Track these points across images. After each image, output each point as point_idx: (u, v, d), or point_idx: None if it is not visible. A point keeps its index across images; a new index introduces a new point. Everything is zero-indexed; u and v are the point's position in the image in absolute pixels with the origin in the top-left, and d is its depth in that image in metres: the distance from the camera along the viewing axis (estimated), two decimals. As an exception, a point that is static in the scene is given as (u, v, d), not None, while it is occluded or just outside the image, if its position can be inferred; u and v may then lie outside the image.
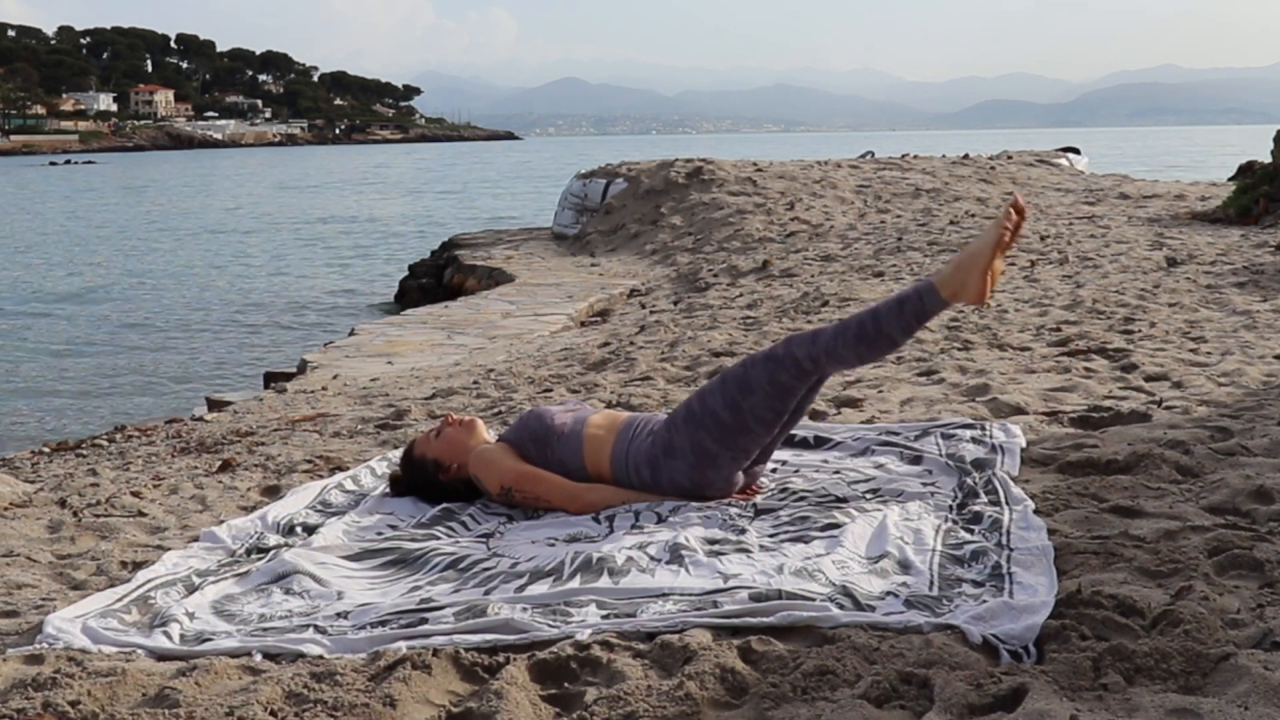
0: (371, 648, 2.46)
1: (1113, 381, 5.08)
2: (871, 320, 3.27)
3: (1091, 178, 17.71)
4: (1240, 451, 3.66)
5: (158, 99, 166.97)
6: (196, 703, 2.22)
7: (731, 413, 3.32)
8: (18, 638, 2.64)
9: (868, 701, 2.08)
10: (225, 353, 13.78)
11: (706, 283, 10.76)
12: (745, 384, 3.33)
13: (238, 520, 3.51)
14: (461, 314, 10.80)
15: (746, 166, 17.20)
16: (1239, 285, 7.78)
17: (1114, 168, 24.03)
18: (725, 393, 3.34)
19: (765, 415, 3.33)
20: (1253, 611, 2.38)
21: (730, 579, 2.71)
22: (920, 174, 16.84)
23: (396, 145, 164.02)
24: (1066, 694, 2.08)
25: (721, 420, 3.33)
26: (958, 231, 11.67)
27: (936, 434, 4.05)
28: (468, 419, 3.75)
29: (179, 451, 5.42)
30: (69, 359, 13.61)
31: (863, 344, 3.27)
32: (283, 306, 17.43)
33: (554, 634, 2.46)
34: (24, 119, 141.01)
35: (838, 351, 3.28)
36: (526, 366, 7.16)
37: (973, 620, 2.37)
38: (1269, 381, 4.88)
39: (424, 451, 3.68)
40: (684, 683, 2.18)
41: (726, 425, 3.33)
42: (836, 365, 3.35)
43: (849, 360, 3.33)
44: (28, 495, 4.34)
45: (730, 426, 3.33)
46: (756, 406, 3.31)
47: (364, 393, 6.91)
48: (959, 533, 3.01)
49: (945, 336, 6.48)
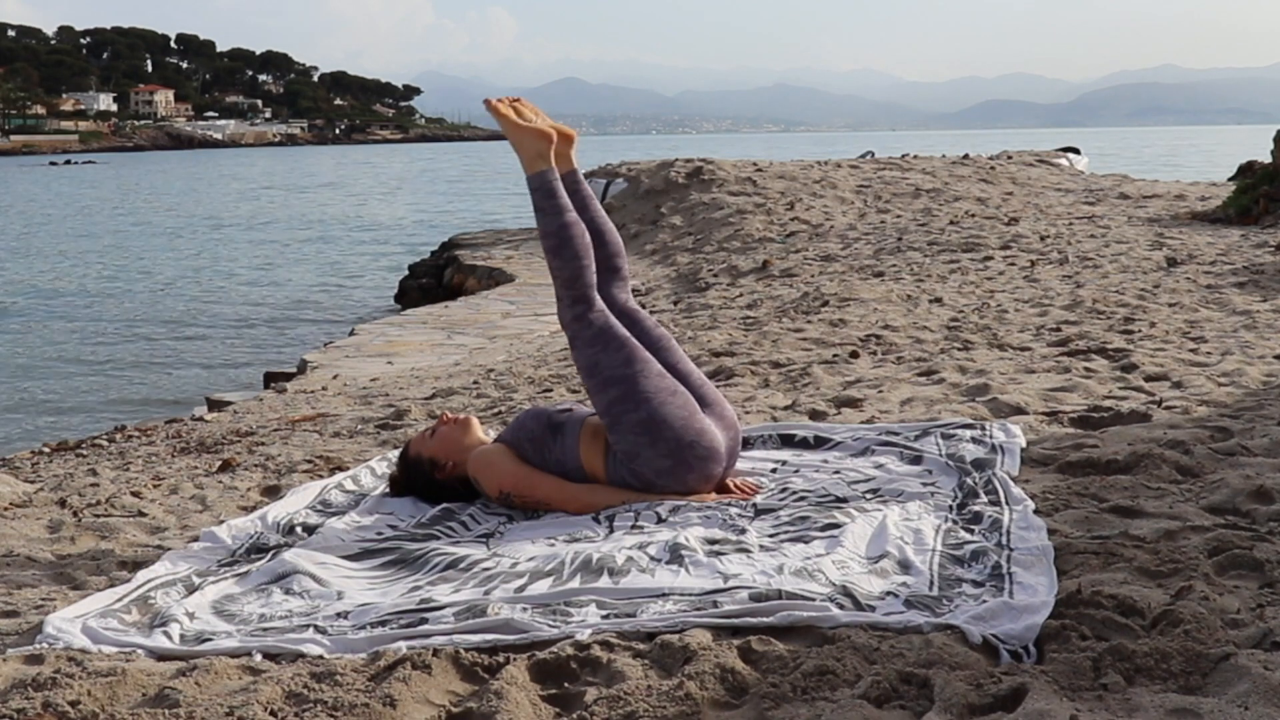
0: (371, 648, 2.46)
1: (1113, 381, 5.09)
2: (543, 237, 3.51)
3: (1091, 178, 17.72)
4: (1240, 451, 3.66)
5: (158, 99, 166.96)
6: (196, 703, 2.22)
7: (609, 387, 3.40)
8: (18, 638, 2.64)
9: (868, 701, 2.08)
10: (225, 353, 13.78)
11: (706, 283, 10.76)
12: (588, 369, 3.46)
13: (238, 520, 3.51)
14: (461, 314, 10.80)
15: (746, 166, 17.21)
16: (1239, 285, 7.78)
17: (1114, 168, 24.03)
18: (593, 387, 3.45)
19: (621, 359, 3.42)
20: (1253, 611, 2.38)
21: (730, 579, 2.71)
22: (920, 174, 16.84)
23: (396, 145, 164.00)
24: (1066, 694, 2.08)
25: (613, 397, 3.40)
26: (958, 231, 11.67)
27: (936, 434, 4.05)
28: (462, 417, 3.75)
29: (179, 451, 5.42)
30: (69, 359, 13.61)
31: (559, 251, 3.47)
32: (283, 306, 17.43)
33: (554, 634, 2.46)
34: (24, 119, 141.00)
35: (563, 273, 3.47)
36: (526, 366, 7.16)
37: (973, 620, 2.37)
38: (1269, 381, 4.88)
39: (419, 451, 3.68)
40: (684, 683, 2.18)
41: (620, 396, 3.39)
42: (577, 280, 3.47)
43: (562, 268, 3.48)
44: (28, 495, 4.34)
45: (622, 394, 3.39)
46: (610, 363, 3.42)
47: (364, 393, 6.92)
48: (959, 533, 3.01)
49: (945, 337, 6.48)
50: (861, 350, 6.18)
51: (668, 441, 3.37)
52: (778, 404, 5.00)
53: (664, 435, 3.37)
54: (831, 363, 5.89)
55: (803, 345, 6.51)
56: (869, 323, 7.13)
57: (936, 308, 7.59)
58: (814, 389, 5.27)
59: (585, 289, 3.49)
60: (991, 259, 9.80)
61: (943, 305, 7.68)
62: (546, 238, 3.50)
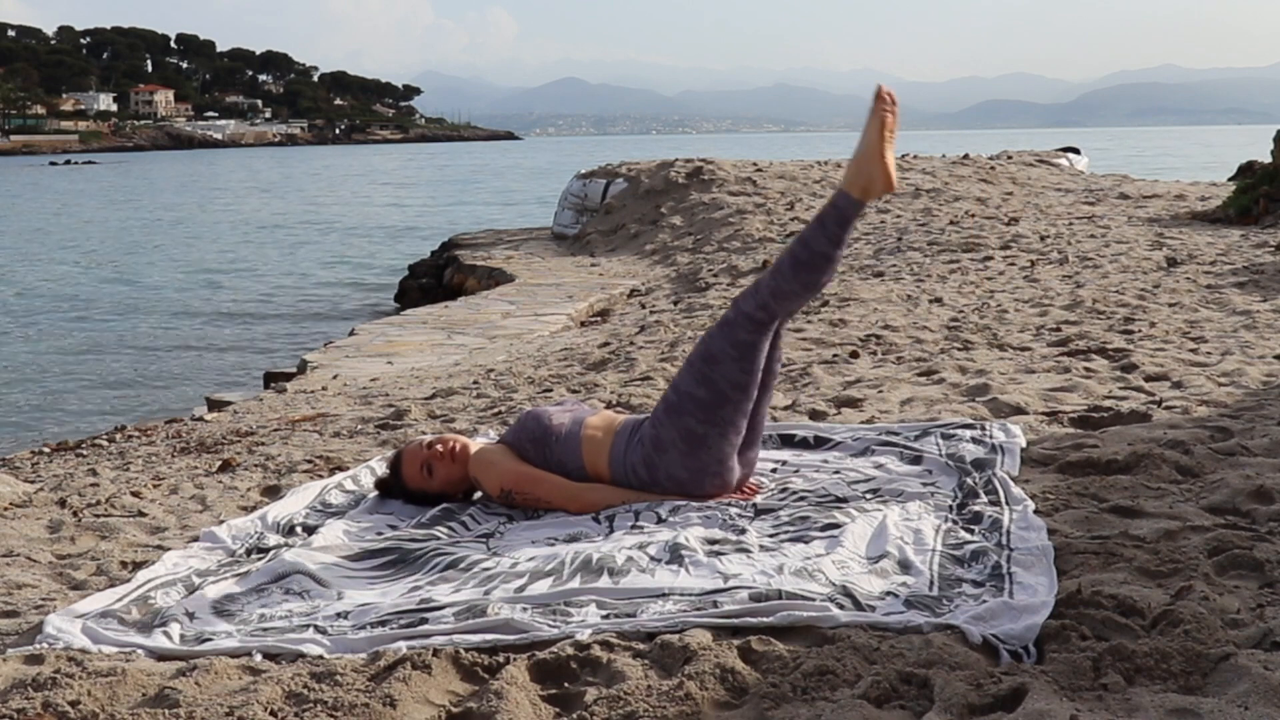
0: (371, 648, 2.46)
1: (1113, 381, 5.08)
2: (802, 248, 3.33)
3: (1091, 178, 17.71)
4: (1240, 451, 3.66)
5: (158, 99, 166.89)
6: (196, 703, 2.22)
7: (706, 387, 3.35)
8: (18, 638, 2.64)
9: (868, 701, 2.08)
10: (225, 353, 13.78)
11: (706, 283, 10.76)
12: (709, 356, 3.37)
13: (238, 520, 3.51)
14: (461, 314, 10.80)
15: (746, 166, 17.21)
16: (1239, 285, 7.78)
17: (1114, 168, 24.03)
18: (694, 372, 3.38)
19: (738, 379, 3.35)
20: (1253, 611, 2.38)
21: (730, 579, 2.71)
22: (920, 174, 16.83)
23: (396, 145, 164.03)
24: (1066, 694, 2.08)
25: (698, 398, 3.35)
26: (958, 231, 11.67)
27: (936, 434, 4.05)
28: (459, 448, 3.63)
29: (179, 451, 5.42)
30: (69, 359, 13.61)
31: (801, 270, 3.32)
32: (283, 306, 17.43)
33: (554, 634, 2.46)
34: (24, 119, 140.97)
35: (782, 288, 3.33)
36: (526, 366, 7.16)
37: (973, 620, 2.37)
38: (1269, 381, 4.88)
39: (424, 488, 3.63)
40: (684, 683, 2.18)
41: (704, 401, 3.35)
42: (785, 302, 3.37)
43: (795, 292, 3.35)
44: (28, 495, 4.34)
45: (708, 401, 3.35)
46: (728, 373, 3.34)
47: (364, 393, 6.92)
48: (959, 533, 3.01)
49: (945, 337, 6.48)
50: (861, 350, 6.18)
51: (698, 462, 3.39)
52: (778, 404, 5.00)
53: (700, 457, 3.39)
54: (831, 363, 5.89)
55: (803, 345, 6.51)
56: (869, 323, 7.13)
57: (936, 308, 7.59)
58: (814, 389, 5.27)
59: (784, 313, 3.41)
60: (991, 259, 9.80)
61: (943, 305, 7.68)
62: (808, 254, 3.32)
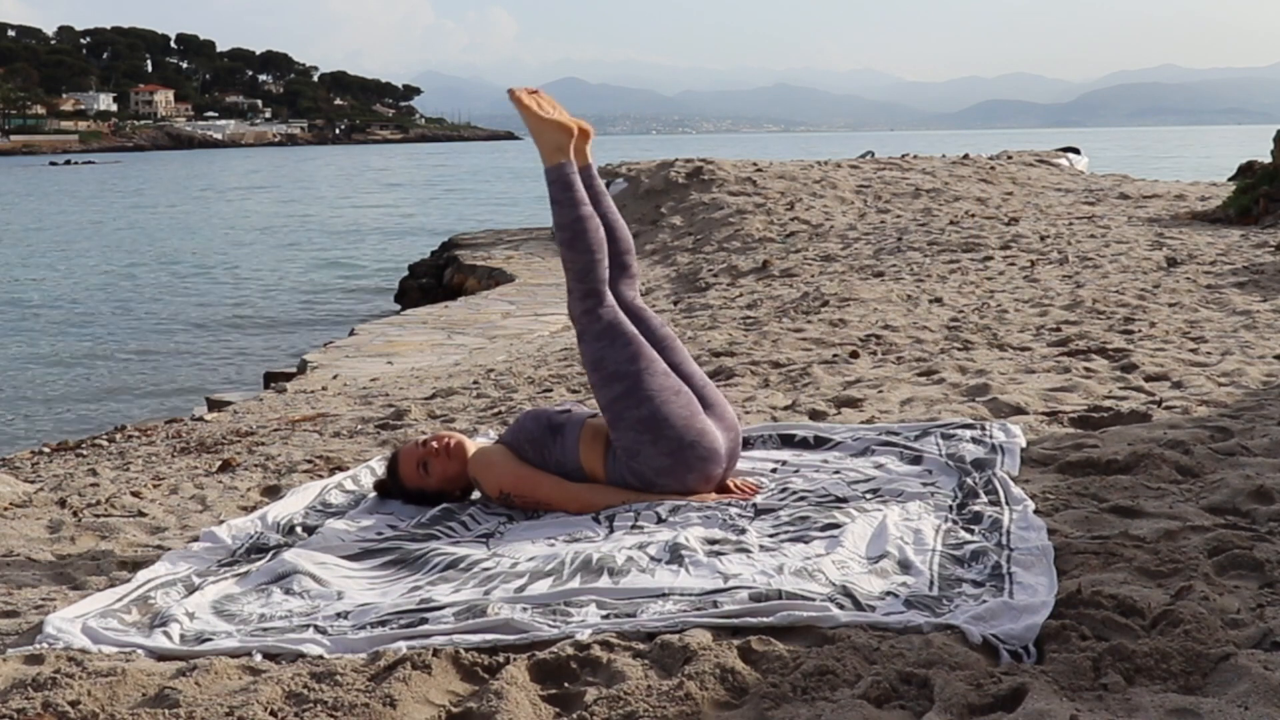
0: (371, 648, 2.46)
1: (1113, 381, 5.08)
2: (559, 229, 3.52)
3: (1091, 178, 17.71)
4: (1240, 451, 3.66)
5: (158, 99, 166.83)
6: (196, 703, 2.21)
7: (614, 383, 3.41)
8: (18, 638, 2.64)
9: (868, 701, 2.08)
10: (225, 353, 13.78)
11: (706, 283, 10.76)
12: (594, 363, 3.47)
13: (238, 520, 3.51)
14: (461, 314, 10.80)
15: (746, 166, 17.20)
16: (1239, 285, 7.78)
17: (1113, 167, 24.03)
18: (597, 382, 3.45)
19: (627, 354, 3.43)
20: (1253, 611, 2.38)
21: (730, 579, 2.71)
22: (920, 174, 16.83)
23: (396, 145, 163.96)
24: (1066, 694, 2.08)
25: (617, 394, 3.40)
26: (958, 231, 11.67)
27: (936, 434, 4.05)
28: (454, 443, 3.64)
29: (179, 451, 5.42)
30: (69, 359, 13.61)
31: (574, 243, 3.48)
32: (283, 306, 17.43)
33: (554, 634, 2.46)
34: (24, 119, 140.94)
35: (577, 267, 3.49)
36: (526, 366, 7.16)
37: (973, 620, 2.37)
38: (1269, 381, 4.88)
39: (421, 487, 3.63)
40: (684, 683, 2.18)
41: (623, 392, 3.39)
42: (589, 274, 3.49)
43: (587, 260, 3.49)
44: (28, 495, 4.34)
45: (626, 390, 3.39)
46: (616, 359, 3.43)
47: (364, 393, 6.92)
48: (959, 533, 3.01)
49: (945, 337, 6.48)
50: (861, 350, 6.18)
51: (669, 440, 3.37)
52: (778, 404, 5.00)
53: (665, 434, 3.37)
54: (831, 363, 5.89)
55: (803, 345, 6.51)
56: (869, 323, 7.13)
57: (936, 308, 7.59)
58: (814, 389, 5.27)
59: (597, 283, 3.50)
60: (991, 259, 9.80)
61: (943, 305, 7.68)
62: (561, 230, 3.51)
